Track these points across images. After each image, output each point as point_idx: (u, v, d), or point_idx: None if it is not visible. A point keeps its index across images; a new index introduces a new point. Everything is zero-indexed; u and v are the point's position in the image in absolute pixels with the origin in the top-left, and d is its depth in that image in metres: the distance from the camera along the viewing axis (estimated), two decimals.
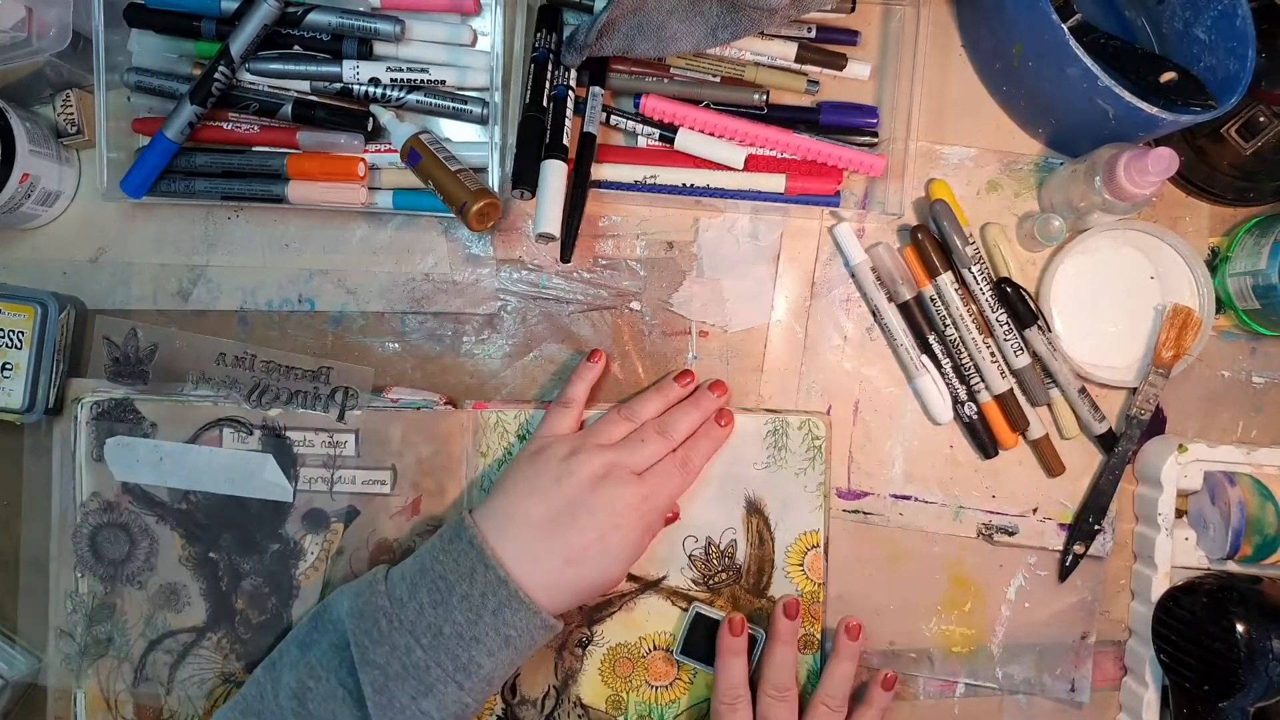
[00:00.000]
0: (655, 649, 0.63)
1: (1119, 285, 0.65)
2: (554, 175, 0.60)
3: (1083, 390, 0.64)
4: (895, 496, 0.66)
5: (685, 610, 0.62)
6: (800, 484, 0.63)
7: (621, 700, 0.62)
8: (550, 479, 0.56)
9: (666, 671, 0.63)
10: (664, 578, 0.63)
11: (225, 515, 0.61)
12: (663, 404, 0.61)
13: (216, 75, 0.59)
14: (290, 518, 0.61)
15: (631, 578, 0.62)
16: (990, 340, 0.64)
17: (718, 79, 0.64)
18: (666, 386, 0.62)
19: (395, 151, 0.61)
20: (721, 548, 0.63)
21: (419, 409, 0.62)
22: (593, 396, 0.65)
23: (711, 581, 0.63)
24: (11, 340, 0.61)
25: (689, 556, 0.63)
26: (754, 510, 0.63)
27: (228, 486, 0.61)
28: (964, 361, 0.64)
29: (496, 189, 0.61)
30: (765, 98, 0.64)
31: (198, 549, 0.61)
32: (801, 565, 0.63)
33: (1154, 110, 0.56)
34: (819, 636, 0.63)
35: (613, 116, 0.64)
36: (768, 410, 0.65)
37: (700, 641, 0.62)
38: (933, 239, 0.64)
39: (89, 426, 0.61)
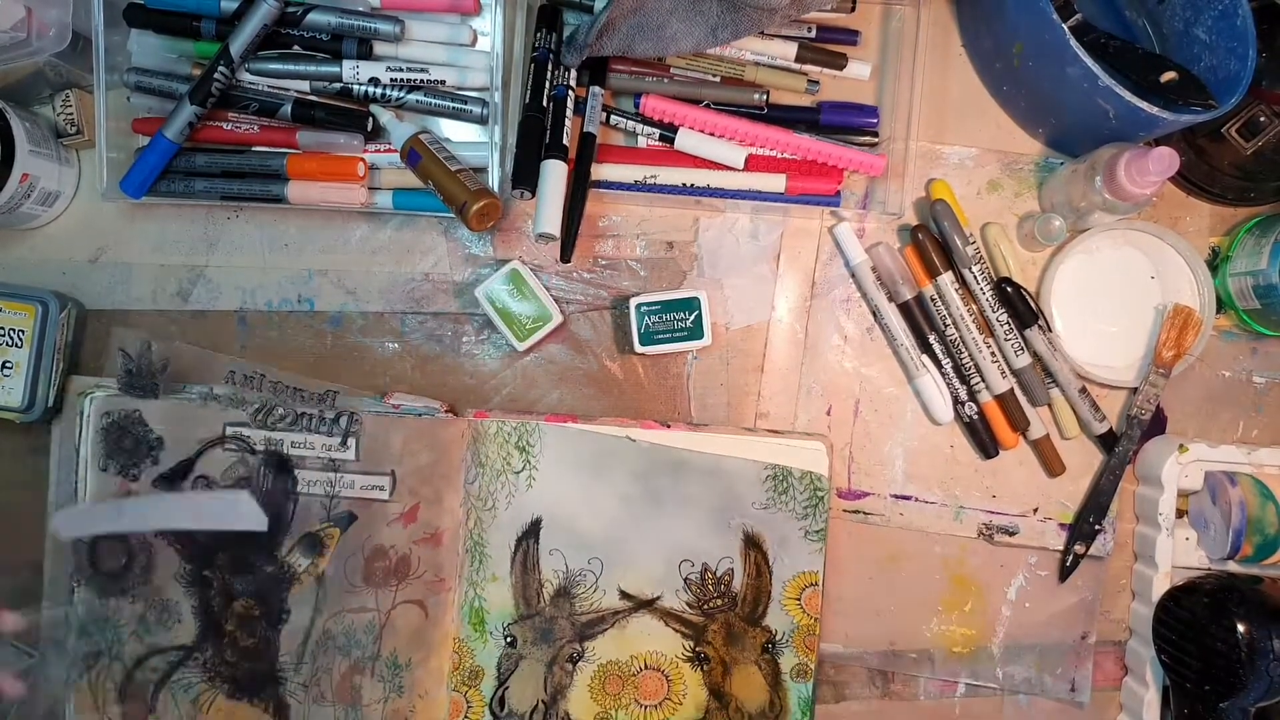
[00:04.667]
0: (646, 668, 0.62)
1: (1119, 285, 0.65)
2: (554, 175, 0.60)
3: (1083, 390, 0.64)
4: (895, 496, 0.66)
5: (680, 633, 0.62)
6: (800, 529, 0.62)
7: (610, 717, 0.62)
8: None
9: (656, 691, 0.62)
10: (658, 598, 0.62)
11: (222, 534, 0.61)
12: None
13: (216, 75, 0.59)
14: (284, 542, 0.61)
15: (625, 596, 0.62)
16: (990, 340, 0.64)
17: (718, 79, 0.64)
18: None
19: (395, 151, 0.61)
20: (718, 575, 0.62)
21: (420, 415, 0.62)
22: (597, 407, 0.65)
23: (706, 606, 0.62)
24: (12, 339, 0.61)
25: (684, 580, 0.62)
26: (752, 544, 0.62)
27: (197, 523, 0.61)
28: (964, 361, 0.64)
29: (496, 189, 0.61)
30: (765, 98, 0.64)
31: (194, 566, 0.61)
32: (798, 599, 0.62)
33: (1154, 110, 0.56)
34: (812, 666, 0.62)
35: (613, 116, 0.64)
36: (769, 431, 0.65)
37: None
38: (933, 239, 0.64)
39: (97, 435, 0.61)
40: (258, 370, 0.61)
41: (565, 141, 0.61)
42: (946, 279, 0.63)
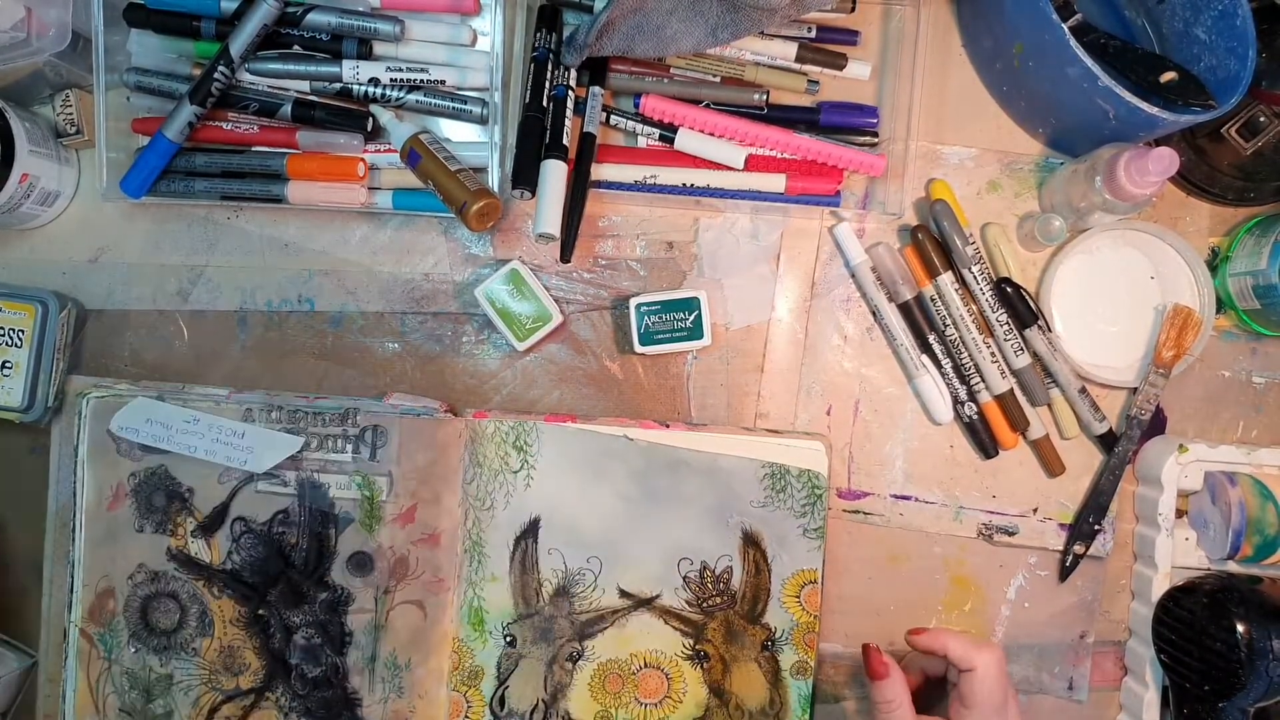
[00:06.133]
0: (646, 666, 0.62)
1: (1119, 285, 0.65)
2: (554, 175, 0.60)
3: (1083, 390, 0.64)
4: (895, 496, 0.66)
5: (680, 631, 0.62)
6: (799, 527, 0.62)
7: (610, 716, 0.62)
8: None
9: (656, 689, 0.62)
10: (657, 596, 0.62)
11: (269, 570, 0.61)
12: None
13: (216, 75, 0.59)
14: (335, 564, 0.61)
15: (625, 594, 0.62)
16: (990, 340, 0.64)
17: (718, 79, 0.64)
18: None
19: (395, 151, 0.61)
20: (717, 572, 0.62)
21: (419, 416, 0.62)
22: (597, 407, 0.65)
23: (705, 604, 0.62)
24: (11, 339, 0.61)
25: (683, 578, 0.62)
26: (751, 542, 0.62)
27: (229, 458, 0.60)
28: (964, 361, 0.64)
29: (496, 189, 0.61)
30: (765, 98, 0.64)
31: (247, 608, 0.61)
32: (798, 597, 0.62)
33: (1154, 110, 0.56)
34: (812, 664, 0.62)
35: (613, 116, 0.64)
36: (769, 431, 0.65)
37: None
38: (933, 239, 0.64)
39: (129, 500, 0.61)
40: (273, 402, 0.61)
41: (565, 141, 0.61)
42: (946, 279, 0.63)
